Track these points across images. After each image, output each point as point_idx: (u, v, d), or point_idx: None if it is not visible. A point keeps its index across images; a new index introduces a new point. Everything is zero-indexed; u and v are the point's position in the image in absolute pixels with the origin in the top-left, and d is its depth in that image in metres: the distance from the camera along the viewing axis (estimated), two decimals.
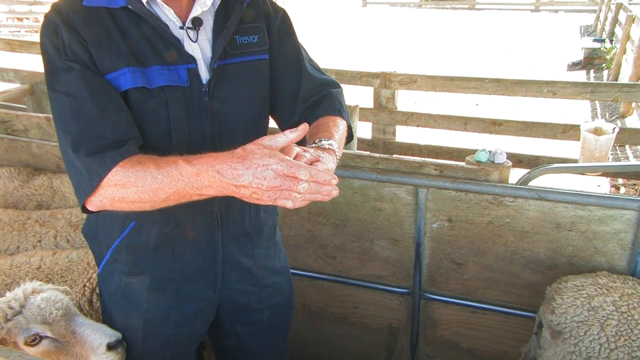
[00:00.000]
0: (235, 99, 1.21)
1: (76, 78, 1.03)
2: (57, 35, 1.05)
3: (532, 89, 3.76)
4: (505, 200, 1.86)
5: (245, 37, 1.22)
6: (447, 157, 4.40)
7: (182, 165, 0.96)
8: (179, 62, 1.11)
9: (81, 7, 1.06)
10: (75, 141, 1.01)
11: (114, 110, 1.05)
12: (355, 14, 20.78)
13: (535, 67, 10.98)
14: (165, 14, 1.12)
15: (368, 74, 4.23)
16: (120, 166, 1.00)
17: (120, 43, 1.07)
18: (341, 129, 1.25)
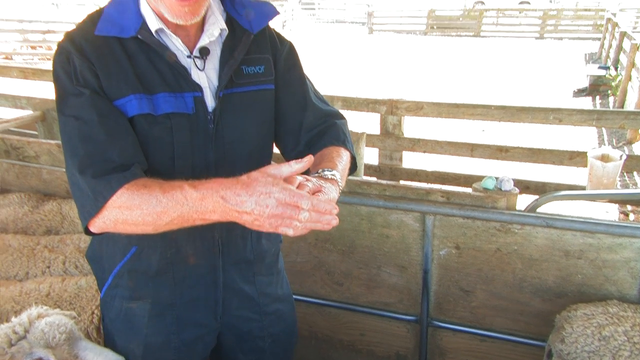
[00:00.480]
0: (240, 127, 1.23)
1: (86, 103, 1.06)
2: (70, 62, 1.08)
3: (538, 116, 3.77)
4: (513, 227, 1.86)
5: (251, 67, 1.24)
6: (454, 183, 4.39)
7: (188, 189, 0.98)
8: (185, 90, 1.14)
9: (93, 36, 1.10)
10: (82, 163, 1.04)
11: (122, 134, 1.08)
12: (362, 41, 21.04)
13: (541, 93, 11.03)
14: (174, 43, 1.15)
15: (375, 100, 4.27)
16: (125, 188, 1.02)
17: (129, 71, 1.10)
18: (344, 159, 1.26)
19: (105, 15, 1.13)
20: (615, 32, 12.00)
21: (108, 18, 1.12)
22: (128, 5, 1.14)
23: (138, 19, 1.11)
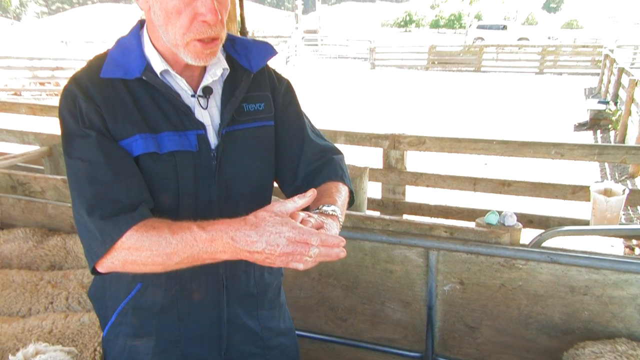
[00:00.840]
0: (242, 163, 1.25)
1: (92, 144, 1.08)
2: (76, 105, 1.10)
3: (539, 150, 3.80)
4: (517, 263, 1.85)
5: (252, 105, 1.28)
6: (457, 217, 4.39)
7: (197, 231, 1.01)
8: (188, 128, 1.17)
9: (98, 79, 1.12)
10: (90, 205, 1.05)
11: (128, 175, 1.09)
12: (365, 76, 21.36)
13: (542, 127, 11.12)
14: (178, 83, 1.18)
15: (377, 135, 4.31)
16: (134, 230, 1.03)
17: (134, 111, 1.12)
18: (343, 194, 1.29)
19: (109, 59, 1.16)
20: (614, 68, 12.18)
21: (112, 61, 1.15)
22: (132, 48, 1.17)
23: (142, 61, 1.14)
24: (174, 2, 1.05)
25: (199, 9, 1.06)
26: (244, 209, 1.27)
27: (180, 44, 1.09)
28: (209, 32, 1.09)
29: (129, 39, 1.19)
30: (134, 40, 1.18)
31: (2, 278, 2.10)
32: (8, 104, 5.64)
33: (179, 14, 1.06)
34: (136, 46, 1.17)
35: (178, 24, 1.07)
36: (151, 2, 1.08)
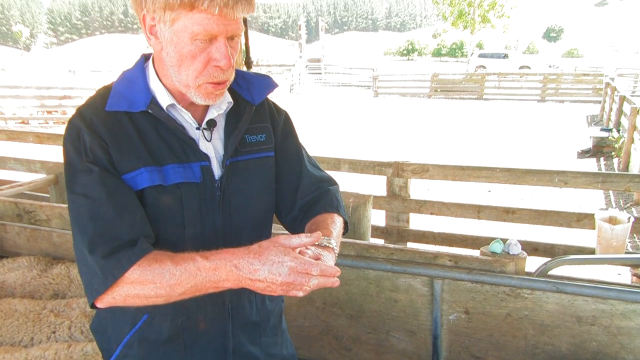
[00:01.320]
0: (244, 193, 1.27)
1: (95, 180, 1.08)
2: (80, 138, 1.11)
3: (543, 178, 3.81)
4: (523, 292, 1.84)
5: (254, 136, 1.30)
6: (461, 245, 4.37)
7: (200, 260, 1.03)
8: (193, 160, 1.18)
9: (103, 112, 1.13)
10: (92, 242, 1.05)
11: (130, 211, 1.10)
12: (368, 104, 21.55)
13: (546, 154, 11.14)
14: (183, 116, 1.20)
15: (381, 163, 4.33)
16: (137, 265, 1.04)
17: (139, 144, 1.13)
18: (338, 225, 1.33)
19: (114, 91, 1.17)
20: (615, 96, 12.27)
21: (117, 94, 1.16)
22: (137, 81, 1.18)
23: (148, 94, 1.16)
24: (190, 48, 1.07)
25: (213, 55, 1.09)
26: (247, 238, 1.28)
27: (191, 86, 1.12)
28: (222, 76, 1.12)
29: (134, 73, 1.21)
30: (139, 73, 1.20)
31: (5, 307, 2.09)
32: (16, 133, 5.70)
33: (193, 59, 1.08)
34: (141, 80, 1.18)
35: (192, 67, 1.09)
36: (164, 44, 1.10)
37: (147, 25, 1.11)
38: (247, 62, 4.66)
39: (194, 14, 1.04)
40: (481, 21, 31.94)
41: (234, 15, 1.06)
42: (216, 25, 1.05)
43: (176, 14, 1.04)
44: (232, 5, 1.04)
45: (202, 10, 1.03)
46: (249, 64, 4.67)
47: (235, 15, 1.06)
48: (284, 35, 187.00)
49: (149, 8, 1.07)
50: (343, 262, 2.06)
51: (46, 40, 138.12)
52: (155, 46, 1.13)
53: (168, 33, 1.08)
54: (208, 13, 1.03)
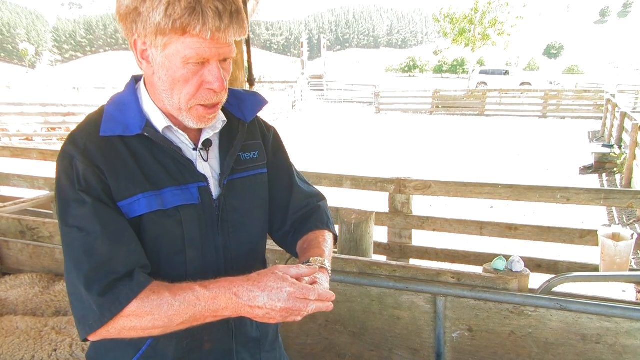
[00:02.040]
0: (242, 211, 1.28)
1: (88, 212, 1.05)
2: (72, 166, 1.08)
3: (545, 194, 3.81)
4: (527, 309, 1.83)
5: (248, 154, 1.31)
6: (464, 261, 4.35)
7: (199, 290, 1.03)
8: (190, 182, 1.17)
9: (98, 137, 1.11)
10: (88, 278, 1.03)
11: (125, 243, 1.08)
12: (370, 120, 21.64)
13: (548, 170, 11.14)
14: (179, 138, 1.19)
15: (383, 179, 4.34)
16: (135, 299, 1.02)
17: (135, 170, 1.11)
18: (329, 243, 1.35)
19: (107, 116, 1.15)
20: (616, 112, 12.30)
21: (111, 118, 1.14)
22: (130, 104, 1.16)
23: (142, 117, 1.14)
24: (183, 72, 1.06)
25: (206, 78, 1.08)
26: (246, 256, 1.29)
27: (184, 109, 1.11)
28: (215, 98, 1.11)
29: (126, 96, 1.19)
30: (131, 96, 1.18)
31: (7, 325, 2.09)
32: (20, 150, 5.74)
33: (186, 82, 1.08)
34: (134, 103, 1.17)
35: (184, 91, 1.09)
36: (156, 68, 1.09)
37: (138, 50, 1.10)
38: (250, 79, 4.69)
39: (186, 38, 1.03)
40: (482, 38, 32.22)
41: (226, 39, 1.05)
42: (208, 49, 1.04)
43: (168, 39, 1.04)
44: (224, 29, 1.03)
45: (194, 34, 1.02)
46: (252, 81, 4.71)
47: (227, 39, 1.05)
48: (287, 52, 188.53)
49: (140, 33, 1.06)
50: (345, 279, 2.05)
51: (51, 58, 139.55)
52: (147, 70, 1.12)
53: (160, 57, 1.07)
54: (200, 37, 1.03)
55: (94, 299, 1.02)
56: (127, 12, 1.05)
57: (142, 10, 1.03)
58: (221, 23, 1.02)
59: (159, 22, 1.01)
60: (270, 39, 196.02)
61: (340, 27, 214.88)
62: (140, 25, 1.05)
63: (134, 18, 1.05)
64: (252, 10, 4.66)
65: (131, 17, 1.05)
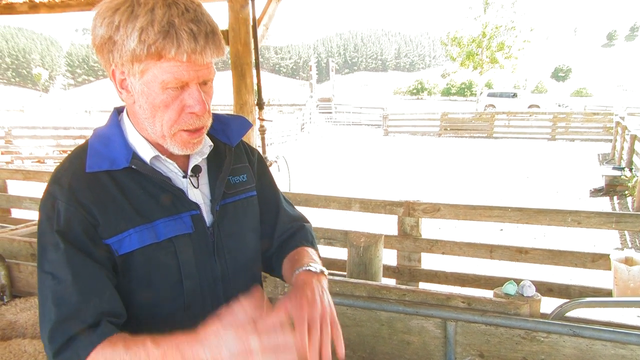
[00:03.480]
0: (236, 236, 1.26)
1: (61, 259, 1.02)
2: (54, 208, 1.05)
3: (555, 218, 3.78)
4: (539, 335, 1.80)
5: (237, 177, 1.29)
6: (474, 285, 4.31)
7: (150, 346, 0.96)
8: (182, 211, 1.15)
9: (83, 174, 1.08)
10: (52, 331, 0.99)
11: (97, 292, 1.03)
12: (378, 143, 21.70)
13: (557, 193, 11.07)
14: (168, 167, 1.17)
15: (392, 202, 4.33)
16: (94, 352, 0.98)
17: (124, 204, 1.09)
18: (317, 256, 1.33)
19: (92, 151, 1.12)
20: (626, 135, 12.26)
21: (95, 153, 1.11)
22: (114, 138, 1.14)
23: (128, 150, 1.12)
24: (162, 97, 1.05)
25: (186, 102, 1.06)
26: (243, 281, 1.26)
27: (167, 135, 1.09)
28: (197, 122, 1.09)
29: (110, 129, 1.16)
30: (115, 129, 1.16)
31: (15, 348, 2.09)
32: (32, 173, 5.81)
33: (166, 108, 1.06)
34: (118, 135, 1.14)
35: (166, 117, 1.07)
36: (136, 97, 1.07)
37: (117, 80, 1.08)
38: (259, 102, 4.75)
39: (162, 63, 1.01)
40: (490, 62, 32.42)
41: (203, 61, 1.03)
42: (186, 72, 1.03)
43: (144, 65, 1.02)
44: (200, 51, 1.01)
45: (169, 58, 1.00)
46: (261, 104, 4.77)
47: (205, 60, 1.03)
48: (295, 75, 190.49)
49: (117, 62, 1.04)
50: (354, 303, 2.04)
51: (64, 82, 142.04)
52: (128, 100, 1.10)
53: (139, 85, 1.05)
54: (176, 61, 1.01)
55: (54, 354, 0.98)
56: (102, 43, 1.04)
57: (116, 38, 1.01)
58: (196, 45, 1.00)
59: (134, 48, 1.00)
60: (279, 63, 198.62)
61: (349, 51, 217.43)
62: (117, 54, 1.03)
63: (109, 47, 1.03)
64: (262, 36, 4.73)
65: (107, 47, 1.03)
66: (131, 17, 0.99)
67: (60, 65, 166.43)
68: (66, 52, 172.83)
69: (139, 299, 1.12)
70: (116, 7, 1.01)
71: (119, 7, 1.01)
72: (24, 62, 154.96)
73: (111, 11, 1.01)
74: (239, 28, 4.47)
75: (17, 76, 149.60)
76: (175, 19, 0.99)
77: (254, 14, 4.51)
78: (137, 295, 1.12)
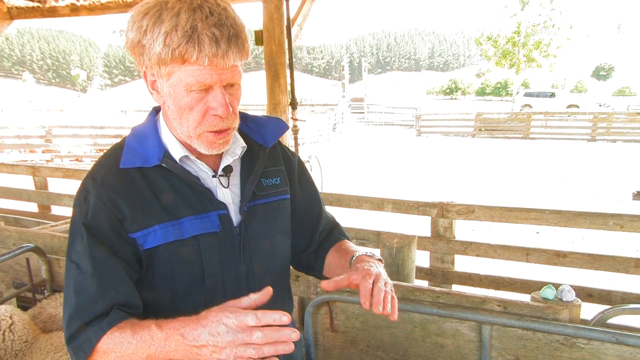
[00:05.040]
0: (264, 237, 1.27)
1: (85, 250, 1.07)
2: (86, 201, 1.11)
3: (596, 221, 3.65)
4: (579, 342, 1.74)
5: (269, 180, 1.30)
6: (509, 288, 4.21)
7: (154, 329, 0.99)
8: (210, 210, 1.17)
9: (116, 170, 1.13)
10: (70, 318, 1.05)
11: (115, 286, 1.08)
12: (410, 143, 21.50)
13: (597, 195, 10.72)
14: (198, 166, 1.19)
15: (425, 203, 4.27)
16: (104, 336, 1.03)
17: (152, 201, 1.13)
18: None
19: (127, 148, 1.17)
20: None
21: (131, 150, 1.16)
22: (149, 136, 1.18)
23: (160, 149, 1.16)
24: (187, 99, 1.07)
25: (210, 104, 1.09)
26: (270, 283, 1.25)
27: (193, 136, 1.12)
28: (221, 124, 1.11)
29: (146, 127, 1.21)
30: (151, 128, 1.20)
31: (56, 341, 2.15)
32: (71, 171, 5.98)
33: (191, 110, 1.09)
34: (153, 134, 1.19)
35: (191, 118, 1.10)
36: (165, 98, 1.11)
37: (148, 81, 1.13)
38: (293, 102, 4.77)
39: (186, 66, 1.04)
40: (526, 61, 31.67)
41: (225, 64, 1.05)
42: (209, 76, 1.05)
43: (170, 68, 1.06)
44: (222, 55, 1.03)
45: (192, 62, 1.03)
46: (294, 104, 4.78)
47: (227, 63, 1.05)
48: (327, 75, 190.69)
49: (147, 64, 1.08)
50: None
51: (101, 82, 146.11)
52: (158, 100, 1.15)
53: (166, 87, 1.09)
54: (199, 64, 1.03)
55: (68, 340, 1.04)
56: (132, 46, 1.08)
57: (144, 42, 1.05)
58: (218, 49, 1.02)
59: (160, 52, 1.03)
60: (312, 63, 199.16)
61: (382, 51, 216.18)
62: (146, 57, 1.07)
63: (139, 51, 1.07)
64: (296, 36, 4.75)
65: (137, 49, 1.08)
66: (157, 21, 1.03)
67: (98, 66, 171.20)
68: (103, 53, 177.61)
69: (161, 293, 1.16)
70: (146, 12, 1.05)
71: (148, 12, 1.05)
72: (63, 63, 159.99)
73: (141, 15, 1.05)
74: (273, 28, 4.49)
75: (57, 77, 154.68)
76: (198, 24, 1.01)
77: (288, 14, 4.53)
78: (160, 289, 1.16)
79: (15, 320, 2.19)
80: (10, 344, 2.13)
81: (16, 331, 2.17)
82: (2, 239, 2.96)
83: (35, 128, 17.04)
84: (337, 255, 1.35)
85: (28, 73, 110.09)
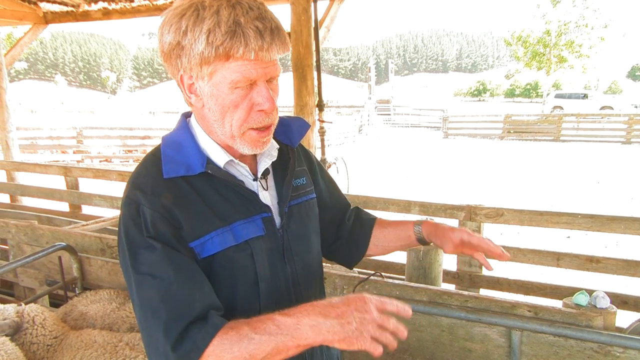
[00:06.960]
0: (302, 238, 1.28)
1: (160, 258, 1.04)
2: (139, 213, 1.07)
3: (632, 226, 3.52)
4: (614, 350, 1.69)
5: (298, 180, 1.31)
6: (539, 294, 4.11)
7: (280, 319, 0.99)
8: (254, 213, 1.16)
9: (162, 180, 1.10)
10: (167, 326, 1.00)
11: (198, 286, 1.06)
12: (437, 145, 21.28)
13: (632, 199, 10.41)
14: (240, 170, 1.19)
15: (452, 206, 4.21)
16: (213, 341, 1.00)
17: (204, 208, 1.11)
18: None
19: (166, 158, 1.13)
20: None
21: (170, 160, 1.13)
22: (187, 144, 1.16)
23: (202, 155, 1.14)
24: (232, 97, 1.06)
25: (255, 100, 1.08)
26: (310, 282, 1.29)
27: (236, 135, 1.11)
28: (266, 120, 1.11)
29: (181, 135, 1.18)
30: (186, 135, 1.18)
31: (86, 338, 2.19)
32: (101, 171, 6.10)
33: (236, 107, 1.08)
34: (190, 141, 1.16)
35: (236, 116, 1.08)
36: (205, 100, 1.09)
37: (185, 85, 1.10)
38: (320, 104, 4.77)
39: (230, 63, 1.03)
40: (557, 61, 30.99)
41: (269, 57, 1.04)
42: (254, 70, 1.04)
43: (213, 67, 1.04)
44: (267, 48, 1.02)
45: (237, 57, 1.02)
46: (321, 106, 4.78)
47: (271, 57, 1.05)
48: (354, 77, 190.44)
49: (185, 67, 1.06)
50: (415, 307, 1.99)
51: (130, 84, 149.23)
52: (197, 104, 1.12)
53: (208, 88, 1.07)
54: (244, 59, 1.02)
55: (174, 350, 0.99)
56: (170, 49, 1.06)
57: (184, 43, 1.03)
58: (263, 42, 1.02)
59: (202, 51, 1.02)
60: (338, 64, 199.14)
61: (409, 52, 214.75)
62: (185, 59, 1.05)
63: (177, 53, 1.06)
64: (323, 38, 4.75)
65: (175, 52, 1.06)
66: (197, 20, 1.02)
67: (127, 69, 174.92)
68: (133, 56, 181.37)
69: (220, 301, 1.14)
70: (182, 13, 1.04)
71: (184, 13, 1.03)
72: (94, 65, 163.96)
73: (177, 17, 1.04)
74: (301, 30, 4.50)
75: (88, 79, 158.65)
76: (241, 18, 1.01)
77: (316, 16, 4.53)
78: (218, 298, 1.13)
79: (46, 317, 2.25)
80: (42, 339, 2.18)
81: (47, 326, 2.22)
82: (36, 238, 3.04)
83: (67, 129, 17.50)
84: (389, 230, 1.44)
85: (60, 75, 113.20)
